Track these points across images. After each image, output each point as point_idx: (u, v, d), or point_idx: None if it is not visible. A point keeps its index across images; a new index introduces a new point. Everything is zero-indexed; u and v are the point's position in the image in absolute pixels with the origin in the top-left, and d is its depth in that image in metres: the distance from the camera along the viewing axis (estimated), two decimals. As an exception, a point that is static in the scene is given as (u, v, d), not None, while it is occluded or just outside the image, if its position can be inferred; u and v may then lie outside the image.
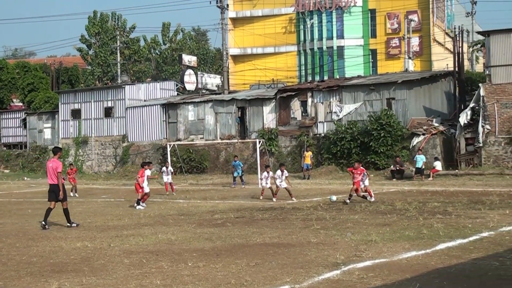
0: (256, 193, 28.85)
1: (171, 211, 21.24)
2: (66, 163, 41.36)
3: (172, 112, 47.58)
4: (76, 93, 52.39)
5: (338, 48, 62.25)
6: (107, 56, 77.31)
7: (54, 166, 16.68)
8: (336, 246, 12.52)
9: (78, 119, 51.26)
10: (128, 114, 48.92)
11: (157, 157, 46.65)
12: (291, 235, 14.23)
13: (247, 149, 43.86)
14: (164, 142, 45.94)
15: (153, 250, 12.68)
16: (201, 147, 45.11)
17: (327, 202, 22.33)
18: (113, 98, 49.97)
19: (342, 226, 15.55)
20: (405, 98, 39.36)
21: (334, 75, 59.92)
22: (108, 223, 17.94)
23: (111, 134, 49.71)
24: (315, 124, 42.10)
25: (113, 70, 72.77)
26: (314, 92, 42.41)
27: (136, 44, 79.88)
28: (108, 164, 49.39)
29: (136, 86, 51.57)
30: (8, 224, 18.42)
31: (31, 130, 54.70)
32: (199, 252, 12.31)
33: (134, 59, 79.44)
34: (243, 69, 64.00)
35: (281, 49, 65.60)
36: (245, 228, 15.85)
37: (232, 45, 65.71)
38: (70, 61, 76.41)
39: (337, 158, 39.47)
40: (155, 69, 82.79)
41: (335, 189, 29.44)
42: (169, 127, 47.63)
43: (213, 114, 45.93)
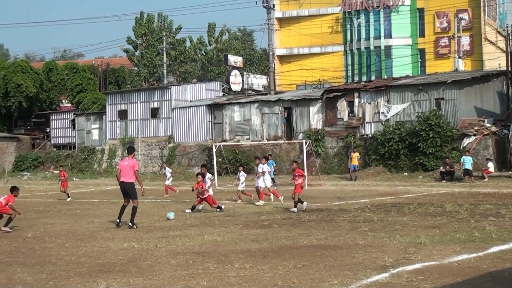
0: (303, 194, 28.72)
1: (218, 212, 21.32)
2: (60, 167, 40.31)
3: (218, 112, 47.81)
4: (123, 94, 53.09)
5: (385, 47, 61.64)
6: (153, 57, 78.14)
7: (131, 164, 16.99)
8: (384, 249, 12.40)
9: (124, 120, 51.93)
10: (174, 115, 49.35)
11: (203, 158, 46.90)
12: (338, 237, 14.15)
13: (293, 150, 43.78)
14: (210, 143, 46.17)
15: (200, 251, 12.75)
16: (247, 148, 45.18)
17: (375, 204, 22.13)
18: (159, 99, 50.47)
19: (391, 228, 15.39)
20: (455, 98, 38.74)
21: (381, 75, 59.33)
22: (154, 224, 18.13)
23: (157, 135, 50.20)
24: (362, 124, 41.78)
25: (159, 71, 73.52)
26: (361, 93, 42.09)
27: (182, 45, 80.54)
28: (154, 165, 49.90)
29: (182, 87, 51.97)
30: (57, 224, 18.79)
31: (79, 131, 55.62)
32: (245, 254, 12.32)
33: (180, 60, 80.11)
34: (289, 70, 63.92)
35: (327, 49, 65.31)
36: (291, 229, 15.81)
37: (278, 45, 65.70)
38: (117, 62, 77.54)
39: (385, 159, 39.08)
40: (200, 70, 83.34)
41: (383, 191, 29.17)
42: (215, 128, 47.86)
43: (259, 115, 45.98)
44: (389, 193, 27.65)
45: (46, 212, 22.55)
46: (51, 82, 62.99)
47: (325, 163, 42.40)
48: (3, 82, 58.43)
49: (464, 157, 33.65)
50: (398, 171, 38.19)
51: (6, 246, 14.29)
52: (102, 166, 52.41)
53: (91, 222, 19.03)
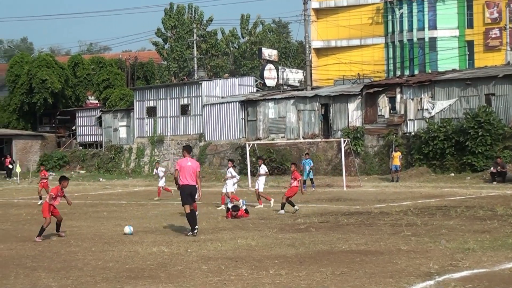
0: (341, 196, 28.71)
1: (251, 214, 21.37)
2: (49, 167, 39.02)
3: (251, 109, 47.89)
4: (152, 90, 53.51)
5: (430, 39, 61.08)
6: (183, 50, 78.57)
7: (194, 166, 16.33)
8: (429, 255, 12.31)
9: (153, 117, 52.34)
10: (205, 112, 49.57)
11: (236, 157, 46.92)
12: (379, 242, 14.10)
13: (331, 149, 43.66)
14: (243, 141, 46.25)
15: (232, 256, 12.79)
16: (282, 146, 45.19)
17: (418, 207, 21.95)
18: (189, 95, 50.74)
19: (436, 233, 15.27)
20: (507, 94, 38.18)
21: (425, 69, 58.81)
22: (185, 227, 18.22)
23: (188, 133, 50.50)
24: (404, 122, 41.47)
25: (189, 65, 73.91)
26: (404, 88, 41.77)
27: (214, 38, 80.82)
28: (184, 164, 50.16)
29: (214, 82, 52.16)
30: (83, 227, 19.03)
31: (106, 129, 56.17)
32: (281, 259, 12.33)
33: (211, 54, 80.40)
34: (327, 63, 63.76)
35: (367, 41, 64.95)
36: (329, 233, 15.80)
37: (315, 37, 65.57)
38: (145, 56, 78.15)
39: (429, 159, 38.73)
40: (233, 64, 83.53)
41: (427, 193, 28.95)
42: (248, 126, 47.96)
43: (295, 112, 45.94)
44: (434, 195, 27.42)
45: (71, 215, 22.83)
46: (77, 77, 63.73)
47: (364, 163, 42.19)
48: (27, 78, 59.22)
49: None
50: (443, 172, 37.82)
51: (31, 250, 14.51)
52: (130, 166, 52.89)
53: (119, 225, 19.17)
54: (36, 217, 22.19)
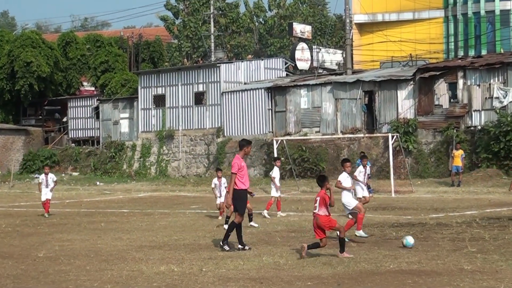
0: (388, 204, 28.61)
1: (279, 226, 21.40)
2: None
3: (279, 98, 47.87)
4: (160, 75, 53.66)
5: (502, 12, 60.60)
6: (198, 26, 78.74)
7: (233, 164, 16.38)
8: (499, 276, 12.27)
9: (161, 108, 52.53)
10: (224, 101, 49.64)
11: (261, 157, 47.03)
12: (436, 260, 14.05)
13: (376, 146, 43.53)
14: (270, 137, 46.25)
15: (257, 277, 12.82)
16: (316, 143, 45.11)
17: (485, 217, 21.80)
18: (205, 80, 50.82)
19: (508, 249, 15.23)
20: None
21: (495, 48, 58.32)
22: (199, 241, 18.28)
23: (203, 127, 50.58)
24: (468, 113, 41.26)
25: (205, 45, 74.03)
26: (468, 71, 41.53)
27: (235, 11, 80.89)
28: (199, 165, 50.33)
29: (235, 65, 52.18)
30: (77, 241, 19.14)
31: (104, 122, 56.48)
32: (315, 280, 12.33)
33: (232, 30, 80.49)
34: (372, 42, 63.48)
35: (422, 15, 64.56)
36: (374, 249, 15.79)
37: (357, 10, 65.31)
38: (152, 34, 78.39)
39: (500, 158, 38.52)
40: (258, 43, 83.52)
41: (496, 200, 28.78)
42: (276, 118, 47.95)
43: (333, 101, 45.85)
44: (506, 203, 27.21)
45: (62, 226, 23.00)
46: (69, 59, 64.13)
47: (417, 164, 42.00)
48: (8, 60, 59.53)
49: None
50: (518, 174, 37.64)
51: (12, 268, 14.61)
52: (133, 167, 53.14)
53: (119, 238, 19.30)
54: (19, 229, 22.39)
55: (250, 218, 21.75)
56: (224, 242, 16.41)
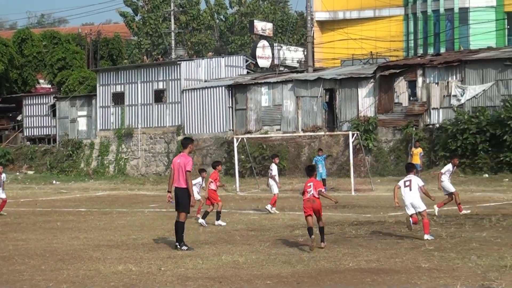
0: (348, 202, 28.74)
1: (239, 225, 21.38)
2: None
3: (240, 96, 47.87)
4: (119, 72, 53.38)
5: (460, 10, 61.12)
6: (158, 23, 78.44)
7: (182, 163, 16.39)
8: (455, 273, 12.39)
9: (120, 106, 52.26)
10: (184, 99, 49.53)
11: (221, 155, 46.98)
12: (395, 258, 14.16)
13: (336, 144, 43.69)
14: (230, 135, 46.23)
15: (216, 276, 12.83)
16: (277, 141, 45.17)
17: (443, 215, 22.00)
18: (165, 78, 50.67)
19: (464, 247, 15.36)
20: (553, 77, 38.38)
21: (454, 46, 58.83)
22: (158, 241, 18.22)
23: (163, 125, 50.43)
24: (427, 111, 41.56)
25: (165, 42, 73.77)
26: (427, 70, 41.84)
27: (195, 8, 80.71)
28: (158, 163, 50.16)
29: (195, 63, 52.07)
30: (32, 240, 18.96)
31: (61, 120, 56.04)
32: (274, 279, 12.37)
33: (193, 28, 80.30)
34: (333, 40, 63.72)
35: (383, 12, 64.94)
36: (334, 248, 15.84)
37: (319, 8, 65.49)
38: (111, 31, 77.88)
39: (457, 156, 38.73)
40: (219, 40, 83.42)
41: (454, 198, 28.96)
42: (237, 116, 47.94)
43: (294, 99, 45.95)
44: (463, 201, 27.36)
45: (16, 225, 22.77)
46: (25, 56, 63.53)
47: (377, 162, 42.25)
48: (-41, 57, 58.87)
49: None
50: (475, 173, 37.92)
51: (-36, 268, 14.45)
52: (91, 165, 52.82)
53: (76, 237, 19.17)
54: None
55: (218, 217, 21.87)
56: (180, 244, 16.39)
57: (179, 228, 16.45)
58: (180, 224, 16.45)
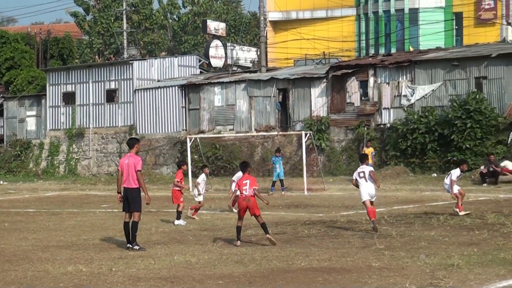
0: (300, 202, 28.86)
1: (191, 225, 21.36)
2: None
3: (193, 95, 47.76)
4: (69, 72, 52.89)
5: (410, 11, 61.69)
6: (109, 23, 77.89)
7: (132, 163, 16.33)
8: (405, 272, 12.49)
9: (71, 105, 51.78)
10: (136, 99, 49.28)
11: (174, 154, 46.85)
12: (346, 258, 14.24)
13: (289, 144, 43.81)
14: (183, 135, 46.11)
15: (168, 276, 12.79)
16: (230, 141, 45.16)
17: (393, 214, 22.20)
18: (117, 77, 50.37)
19: (413, 246, 15.50)
20: (501, 77, 38.83)
21: (404, 47, 59.36)
22: (109, 241, 18.10)
23: (115, 125, 50.13)
24: (378, 111, 41.86)
25: (117, 41, 73.32)
26: (378, 70, 42.14)
27: (148, 8, 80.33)
28: (110, 163, 49.83)
29: (148, 62, 51.83)
30: (-21, 242, 18.69)
31: (9, 120, 55.37)
32: (226, 279, 12.39)
33: (145, 27, 79.91)
34: (286, 40, 63.89)
35: (335, 13, 65.28)
36: (286, 247, 15.89)
37: (272, 8, 65.63)
38: (62, 30, 77.14)
39: (407, 156, 39.15)
40: (172, 40, 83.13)
41: (404, 197, 29.28)
42: (190, 116, 47.83)
43: (247, 99, 45.97)
44: (413, 200, 27.75)
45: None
46: (-28, 56, 62.59)
47: (330, 161, 42.45)
48: None
49: None
50: (424, 172, 38.28)
51: None
52: (40, 166, 52.27)
53: (24, 238, 18.94)
54: None
55: (179, 216, 21.95)
56: (133, 243, 16.32)
57: (133, 228, 16.38)
58: (134, 224, 16.39)
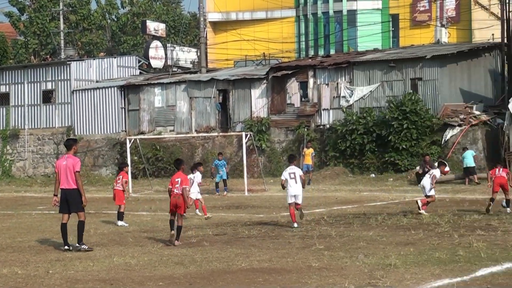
0: (241, 202, 28.89)
1: (131, 226, 21.22)
2: None
3: (133, 96, 47.46)
4: (3, 72, 52.00)
5: (348, 13, 62.09)
6: (46, 23, 76.88)
7: (70, 164, 16.17)
8: (344, 272, 12.60)
9: (5, 106, 50.97)
10: (74, 100, 48.76)
11: (113, 156, 46.51)
12: (286, 258, 14.30)
13: (230, 145, 43.82)
14: (123, 136, 45.82)
15: (107, 278, 12.70)
16: (171, 142, 45.00)
17: (333, 214, 22.37)
18: (54, 78, 49.79)
19: (352, 246, 15.64)
20: (435, 79, 39.41)
21: (343, 48, 59.79)
22: (46, 243, 17.88)
23: (52, 126, 49.54)
24: (318, 112, 42.10)
25: (54, 42, 72.40)
26: (317, 71, 42.39)
27: (86, 8, 79.52)
28: (47, 165, 49.21)
29: (86, 63, 51.38)
30: None
31: None
32: (166, 280, 12.35)
33: (83, 27, 79.08)
34: (226, 41, 63.87)
35: (274, 14, 65.38)
36: (226, 248, 15.91)
37: (211, 9, 65.48)
38: (-3, 30, 76.00)
39: (346, 157, 39.45)
40: (110, 41, 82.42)
41: (343, 198, 29.52)
42: (129, 117, 47.52)
43: (187, 100, 45.85)
44: (352, 200, 28.01)
45: None
46: None
47: (270, 162, 42.56)
48: None
49: (466, 153, 34.10)
50: (363, 172, 38.62)
51: None
52: (-27, 168, 51.36)
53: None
54: None
55: (121, 217, 21.87)
56: (80, 243, 16.27)
57: (79, 227, 16.34)
58: (80, 224, 16.33)
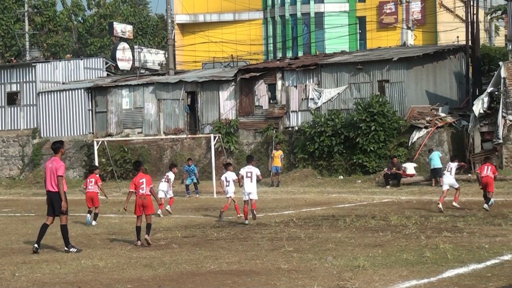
0: (210, 205, 28.88)
1: (99, 229, 21.14)
2: None
3: (100, 98, 47.25)
4: (-32, 74, 51.67)
5: (316, 15, 62.30)
6: (10, 24, 76.28)
7: (54, 167, 16.14)
8: (313, 274, 12.64)
9: (-30, 108, 50.62)
10: (40, 102, 48.44)
11: (81, 158, 46.28)
12: (255, 260, 14.33)
13: (198, 147, 43.78)
14: (90, 138, 45.61)
15: (74, 281, 12.64)
16: (139, 144, 44.85)
17: (302, 217, 22.42)
18: (19, 80, 49.44)
19: (321, 248, 15.68)
20: (402, 81, 39.65)
21: (311, 50, 59.98)
22: (11, 245, 17.78)
23: (17, 128, 49.20)
24: (286, 114, 42.18)
25: (19, 44, 71.88)
26: (286, 73, 42.48)
27: (51, 9, 79.01)
28: (12, 167, 48.83)
29: (52, 65, 51.07)
30: None
31: None
32: (135, 283, 12.32)
33: (49, 29, 78.57)
34: (194, 43, 63.82)
35: (242, 16, 65.43)
36: (195, 251, 15.90)
37: (179, 11, 65.36)
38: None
39: (315, 159, 39.53)
40: (77, 42, 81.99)
41: (312, 200, 29.60)
42: (97, 118, 47.30)
43: (155, 102, 45.73)
44: (320, 202, 28.09)
45: None
46: None
47: (239, 164, 42.50)
48: None
49: (433, 154, 34.31)
50: (331, 174, 38.74)
51: None
52: None
53: None
54: None
55: (95, 217, 22.20)
56: (68, 246, 16.24)
57: (63, 231, 16.31)
58: (63, 228, 16.29)
